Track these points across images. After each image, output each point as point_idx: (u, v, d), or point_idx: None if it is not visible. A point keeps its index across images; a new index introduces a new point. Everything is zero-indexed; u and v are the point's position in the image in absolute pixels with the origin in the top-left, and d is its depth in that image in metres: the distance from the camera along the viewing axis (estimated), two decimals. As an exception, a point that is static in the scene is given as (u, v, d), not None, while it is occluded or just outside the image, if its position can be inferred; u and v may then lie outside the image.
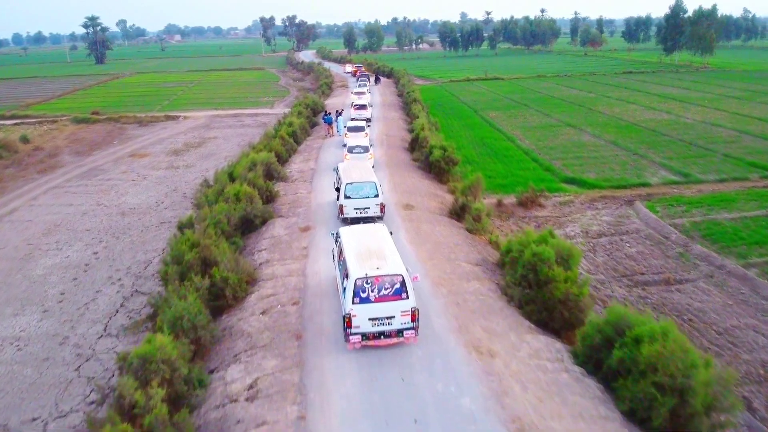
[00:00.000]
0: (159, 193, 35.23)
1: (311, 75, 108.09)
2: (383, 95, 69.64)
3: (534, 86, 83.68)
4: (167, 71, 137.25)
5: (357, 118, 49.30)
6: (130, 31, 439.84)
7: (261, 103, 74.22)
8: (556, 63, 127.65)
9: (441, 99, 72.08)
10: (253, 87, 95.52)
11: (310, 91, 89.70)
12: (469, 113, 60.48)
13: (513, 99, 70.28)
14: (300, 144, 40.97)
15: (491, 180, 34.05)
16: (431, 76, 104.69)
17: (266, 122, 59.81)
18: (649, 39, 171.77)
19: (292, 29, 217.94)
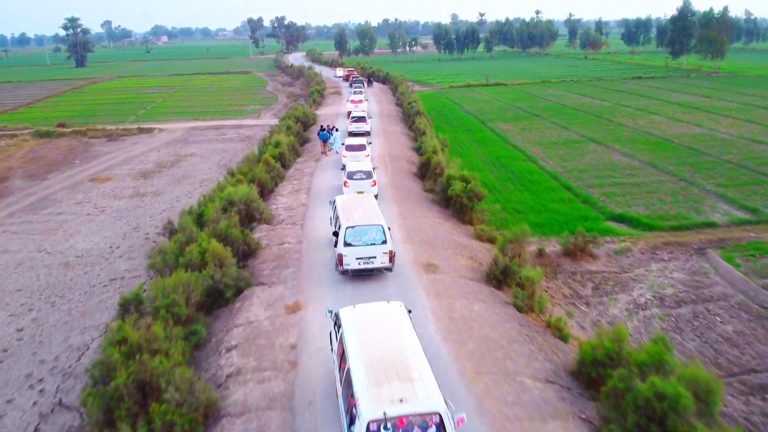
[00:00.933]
0: (116, 232, 28.93)
1: (301, 80, 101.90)
2: (380, 104, 63.60)
3: (540, 93, 78.01)
4: (149, 75, 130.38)
5: (355, 131, 43.68)
6: (115, 33, 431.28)
7: (246, 112, 67.89)
8: (557, 67, 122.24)
9: (443, 108, 66.14)
10: (239, 93, 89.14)
11: (299, 98, 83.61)
12: (477, 125, 54.55)
13: (521, 108, 64.46)
14: (289, 167, 34.79)
15: (520, 215, 28.12)
16: (428, 81, 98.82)
17: (251, 135, 53.60)
18: (650, 41, 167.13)
19: (281, 31, 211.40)
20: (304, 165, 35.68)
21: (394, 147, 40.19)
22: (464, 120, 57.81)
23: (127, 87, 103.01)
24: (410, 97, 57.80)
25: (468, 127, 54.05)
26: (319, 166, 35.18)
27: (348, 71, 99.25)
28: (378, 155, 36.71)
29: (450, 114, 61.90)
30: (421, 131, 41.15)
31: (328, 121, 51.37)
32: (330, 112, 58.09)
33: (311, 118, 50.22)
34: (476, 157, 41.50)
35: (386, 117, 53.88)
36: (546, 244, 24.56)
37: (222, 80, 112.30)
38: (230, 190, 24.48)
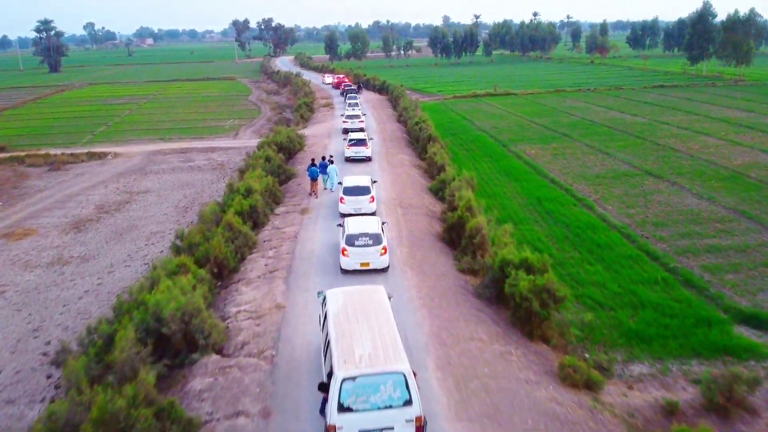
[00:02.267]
0: (5, 338, 19.44)
1: (288, 87, 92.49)
2: (379, 120, 54.34)
3: (558, 104, 69.06)
4: (123, 82, 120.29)
5: (354, 157, 35.65)
6: (99, 35, 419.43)
7: (222, 130, 58.30)
8: (565, 73, 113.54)
9: (452, 125, 56.92)
10: (218, 104, 79.46)
11: (285, 110, 74.19)
12: (498, 149, 45.40)
13: (544, 125, 55.39)
14: (263, 226, 25.39)
15: (605, 314, 18.96)
16: (428, 90, 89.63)
17: (224, 162, 44.15)
18: (656, 45, 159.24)
19: (269, 33, 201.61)
20: (285, 219, 26.27)
21: (405, 187, 30.84)
22: (481, 141, 48.62)
23: (96, 96, 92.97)
24: (416, 114, 48.42)
25: (487, 151, 44.88)
26: (307, 220, 25.81)
27: (338, 78, 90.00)
28: (386, 200, 27.49)
29: (462, 133, 52.68)
30: (438, 164, 31.82)
31: (319, 143, 42.17)
32: (320, 131, 48.77)
33: (297, 143, 40.82)
34: (509, 198, 32.31)
35: (389, 139, 44.57)
36: (669, 383, 15.31)
37: (201, 88, 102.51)
38: (158, 299, 15.02)
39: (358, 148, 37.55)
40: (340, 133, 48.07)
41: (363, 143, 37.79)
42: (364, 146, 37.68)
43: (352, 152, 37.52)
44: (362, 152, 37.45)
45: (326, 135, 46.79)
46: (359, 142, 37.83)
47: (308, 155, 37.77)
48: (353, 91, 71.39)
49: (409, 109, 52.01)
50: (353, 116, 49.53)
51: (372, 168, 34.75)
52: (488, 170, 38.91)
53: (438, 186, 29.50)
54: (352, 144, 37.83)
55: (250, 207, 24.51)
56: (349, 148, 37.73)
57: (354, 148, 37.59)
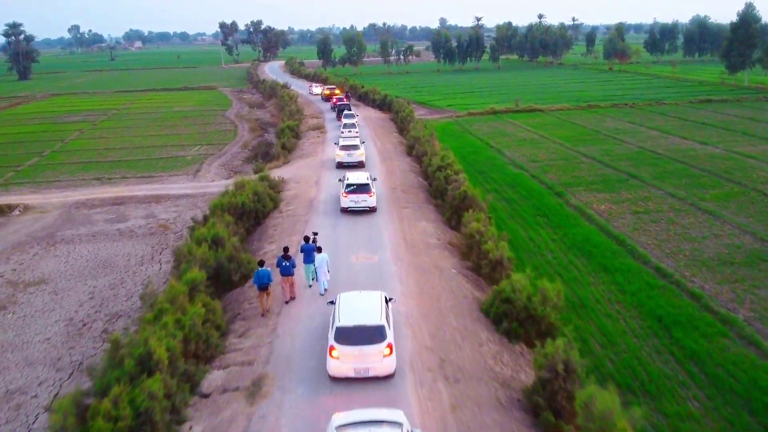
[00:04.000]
0: None
1: (274, 100, 79.99)
2: (384, 152, 42.04)
3: (597, 125, 56.89)
4: (90, 92, 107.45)
5: (354, 208, 26.69)
6: (85, 38, 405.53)
7: (183, 163, 45.74)
8: (587, 83, 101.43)
9: (476, 156, 44.57)
10: (188, 122, 66.87)
11: (269, 129, 61.71)
12: (550, 200, 33.01)
13: (593, 157, 43.22)
14: (203, 375, 12.87)
15: None
16: (436, 103, 77.28)
17: (168, 221, 31.68)
18: (676, 49, 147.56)
19: (258, 36, 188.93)
20: (234, 356, 13.82)
21: (437, 302, 18.22)
22: (522, 185, 36.25)
23: (51, 112, 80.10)
24: (434, 149, 35.90)
25: (537, 203, 32.51)
26: (274, 359, 13.43)
27: (329, 90, 77.68)
28: (413, 353, 15.08)
29: (492, 169, 40.35)
30: (494, 261, 19.33)
31: (302, 196, 29.78)
32: (305, 172, 36.34)
33: (270, 199, 28.29)
34: (613, 318, 19.85)
35: (399, 187, 32.12)
36: None
37: (176, 100, 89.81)
38: None
39: (359, 197, 26.59)
40: (333, 167, 36.21)
41: (365, 190, 26.78)
42: (367, 194, 26.69)
43: (351, 202, 26.60)
44: (365, 202, 26.45)
45: (314, 179, 34.33)
46: (360, 188, 26.76)
47: (285, 225, 25.38)
48: (346, 107, 59.15)
49: (422, 140, 39.54)
50: (351, 147, 37.62)
51: (379, 241, 22.51)
52: (550, 243, 26.54)
53: (499, 309, 17.00)
54: (352, 191, 26.71)
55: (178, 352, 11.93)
56: (347, 196, 26.67)
57: (353, 197, 26.61)
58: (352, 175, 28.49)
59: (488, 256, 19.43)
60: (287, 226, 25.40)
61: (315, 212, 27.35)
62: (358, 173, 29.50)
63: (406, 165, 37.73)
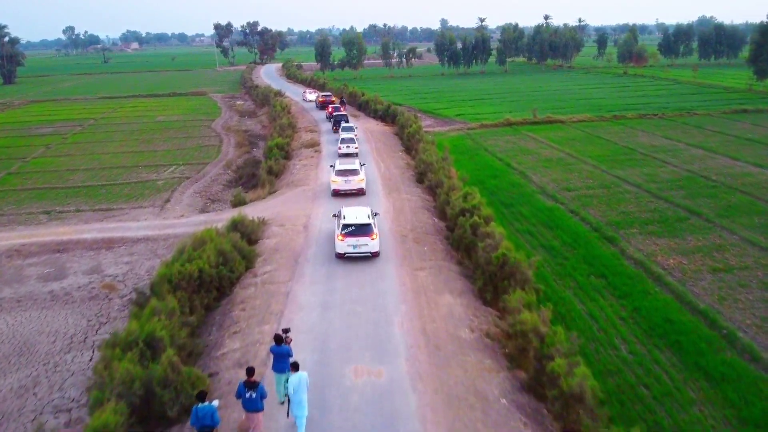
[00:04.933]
0: None
1: (266, 108, 73.26)
2: (389, 180, 35.26)
3: (630, 140, 50.19)
4: (73, 99, 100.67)
5: (351, 253, 21.92)
6: (81, 39, 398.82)
7: (151, 189, 38.96)
8: (603, 88, 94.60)
9: (498, 182, 37.77)
10: (169, 135, 60.16)
11: (258, 143, 55.00)
12: (599, 249, 26.18)
13: (636, 183, 36.51)
14: None
15: None
16: (444, 112, 70.51)
17: (116, 278, 24.98)
18: (690, 52, 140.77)
19: (254, 38, 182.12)
20: None
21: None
22: (557, 222, 29.47)
23: (25, 122, 73.38)
24: (452, 180, 29.04)
25: (583, 251, 25.74)
26: None
27: (324, 97, 71.09)
28: None
29: (519, 202, 33.54)
30: (571, 398, 12.50)
31: (285, 255, 23.07)
32: (293, 210, 29.54)
33: (240, 261, 21.41)
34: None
35: (410, 227, 25.32)
36: None
37: (161, 108, 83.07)
38: None
39: (359, 240, 21.45)
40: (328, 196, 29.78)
41: (366, 231, 21.69)
42: (368, 236, 21.59)
43: (348, 247, 21.52)
44: (365, 246, 21.91)
45: (303, 220, 27.53)
46: (360, 230, 21.49)
47: (258, 301, 18.57)
48: (345, 119, 52.62)
49: (435, 167, 32.74)
50: (349, 172, 31.43)
51: (387, 335, 15.83)
52: (618, 323, 19.72)
53: None
54: (350, 232, 21.46)
55: None
56: (343, 239, 21.37)
57: (351, 241, 21.42)
58: (349, 213, 22.58)
59: (558, 384, 12.61)
60: (260, 304, 18.60)
61: (300, 277, 20.55)
62: (357, 210, 23.32)
63: (417, 198, 30.90)
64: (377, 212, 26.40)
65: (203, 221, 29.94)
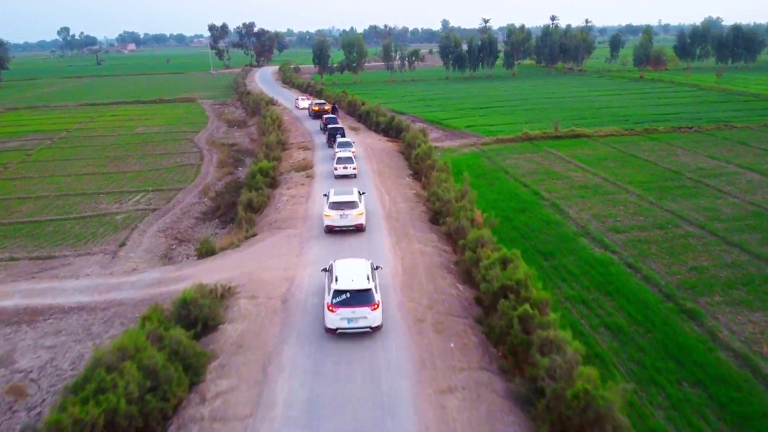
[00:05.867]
0: None
1: (257, 118, 66.60)
2: (393, 211, 28.43)
3: (671, 161, 43.61)
4: (52, 106, 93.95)
5: (346, 329, 16.84)
6: (77, 40, 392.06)
7: (108, 227, 32.27)
8: (622, 95, 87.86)
9: (527, 217, 31.09)
10: (146, 149, 53.55)
11: (245, 159, 48.43)
12: (682, 332, 19.42)
13: (696, 222, 29.91)
14: None
15: None
16: (453, 123, 63.84)
17: (29, 374, 18.33)
18: (707, 55, 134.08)
19: (250, 40, 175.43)
20: None
21: None
22: (616, 284, 22.81)
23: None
24: (475, 225, 22.16)
25: (660, 335, 19.15)
26: None
27: (318, 105, 64.49)
28: None
29: (556, 246, 26.87)
30: None
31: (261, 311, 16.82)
32: (271, 273, 22.85)
33: (178, 384, 14.53)
34: None
35: (429, 313, 18.60)
36: None
37: (144, 116, 76.45)
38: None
39: (355, 311, 16.75)
40: (320, 241, 23.53)
41: (365, 300, 16.84)
42: (368, 306, 16.81)
43: (341, 320, 16.77)
44: (364, 320, 16.82)
45: (284, 286, 20.84)
46: (358, 298, 16.81)
47: None
48: (342, 132, 46.21)
49: (456, 208, 26.02)
50: (345, 204, 25.92)
51: None
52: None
53: None
54: (343, 301, 16.77)
55: None
56: (335, 310, 16.80)
57: (345, 313, 16.72)
58: (343, 271, 17.37)
59: None
60: None
61: (269, 407, 13.78)
62: (353, 266, 17.95)
63: (433, 250, 24.14)
64: (379, 266, 20.02)
65: (156, 281, 23.30)
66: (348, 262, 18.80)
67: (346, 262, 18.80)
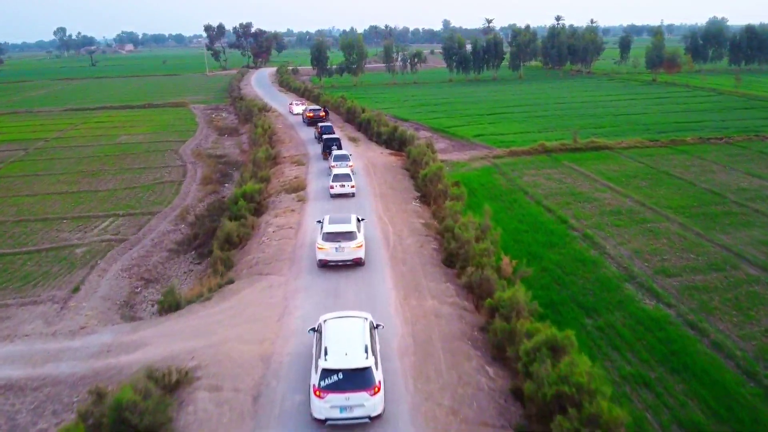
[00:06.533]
0: None
1: (249, 126, 61.91)
2: (397, 245, 23.70)
3: (708, 179, 38.98)
4: (37, 111, 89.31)
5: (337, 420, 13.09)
6: (73, 40, 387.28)
7: (65, 265, 27.58)
8: (637, 100, 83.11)
9: (556, 253, 26.42)
10: (125, 162, 48.91)
11: (231, 175, 43.85)
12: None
13: (758, 263, 25.07)
14: None
15: None
16: (460, 132, 59.21)
17: None
18: (720, 57, 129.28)
19: (247, 41, 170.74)
20: None
21: None
22: (672, 350, 18.15)
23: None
24: (515, 296, 17.40)
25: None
26: None
27: (312, 112, 59.97)
28: None
29: (592, 291, 22.26)
30: None
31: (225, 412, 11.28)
32: (245, 345, 18.12)
33: None
34: None
35: (444, 403, 13.92)
36: None
37: (129, 123, 71.78)
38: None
39: (349, 398, 12.98)
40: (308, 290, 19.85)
41: (362, 381, 13.14)
42: (365, 390, 13.13)
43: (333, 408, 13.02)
44: (359, 408, 13.02)
45: (253, 387, 16.00)
46: (352, 379, 13.09)
47: None
48: (337, 143, 41.86)
49: (476, 252, 21.29)
50: (341, 235, 22.30)
51: None
52: None
53: None
54: (333, 385, 13.06)
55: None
56: (323, 395, 13.10)
57: (337, 399, 12.98)
58: (335, 342, 13.99)
59: None
60: None
61: None
62: (348, 332, 14.57)
63: (451, 309, 19.39)
64: (380, 324, 15.94)
65: (105, 347, 18.61)
66: (341, 323, 15.04)
67: (338, 323, 15.05)
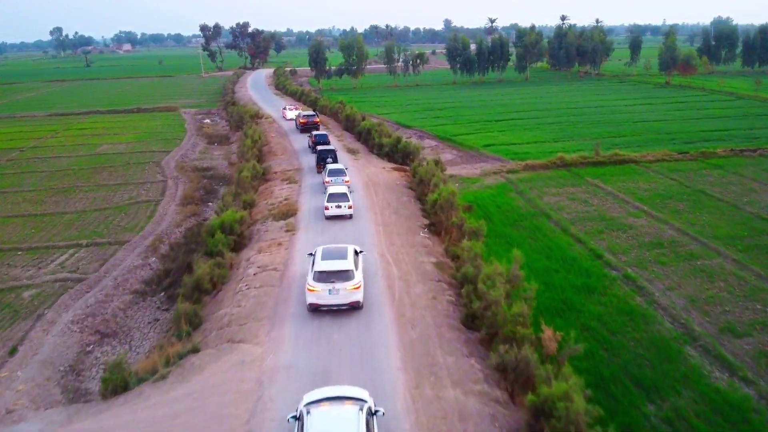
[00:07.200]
0: None
1: (240, 135, 57.34)
2: (404, 295, 19.11)
3: (754, 203, 34.41)
4: (20, 116, 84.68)
5: None
6: (70, 40, 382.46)
7: (4, 317, 22.88)
8: (654, 104, 78.42)
9: (596, 305, 21.69)
10: (102, 178, 44.40)
11: (216, 191, 39.33)
12: None
13: None
14: None
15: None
16: (468, 141, 54.64)
17: None
18: (734, 58, 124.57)
19: (245, 41, 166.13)
20: None
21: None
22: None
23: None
24: (565, 387, 12.97)
25: None
26: None
27: (305, 118, 55.60)
28: None
29: (649, 360, 17.71)
30: None
31: None
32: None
33: None
34: None
35: None
36: None
37: (114, 130, 67.18)
38: None
39: None
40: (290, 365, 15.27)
41: None
42: None
43: None
44: None
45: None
46: None
47: None
48: (333, 155, 37.49)
49: (507, 317, 16.70)
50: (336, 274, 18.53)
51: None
52: None
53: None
54: None
55: None
56: None
57: None
58: None
59: None
60: None
61: None
62: None
63: (477, 406, 14.68)
64: (379, 409, 12.44)
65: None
66: (329, 413, 11.59)
67: (326, 413, 11.58)
